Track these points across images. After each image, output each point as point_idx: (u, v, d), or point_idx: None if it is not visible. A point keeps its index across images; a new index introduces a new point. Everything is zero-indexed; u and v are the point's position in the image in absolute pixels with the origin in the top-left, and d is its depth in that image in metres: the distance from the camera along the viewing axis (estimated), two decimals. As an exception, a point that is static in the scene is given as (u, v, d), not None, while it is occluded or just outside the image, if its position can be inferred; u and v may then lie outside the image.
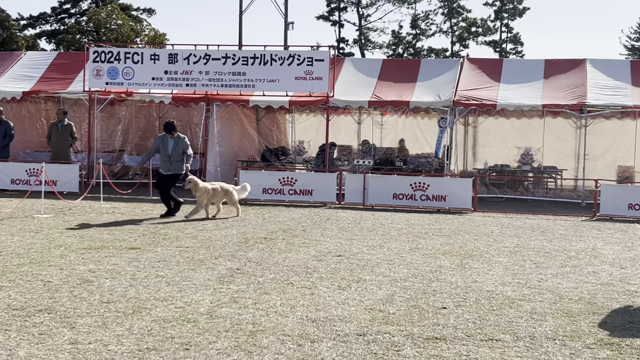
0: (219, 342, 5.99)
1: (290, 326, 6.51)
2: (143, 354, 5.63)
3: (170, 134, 14.66)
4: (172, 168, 14.60)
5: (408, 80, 20.48)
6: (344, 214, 15.65)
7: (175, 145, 14.59)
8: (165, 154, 14.59)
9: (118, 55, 20.02)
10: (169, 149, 14.56)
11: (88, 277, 8.30)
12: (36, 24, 60.84)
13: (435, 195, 17.01)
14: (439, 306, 7.43)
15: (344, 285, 8.29)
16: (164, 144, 14.64)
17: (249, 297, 7.59)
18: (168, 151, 14.55)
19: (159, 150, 14.71)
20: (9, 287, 7.69)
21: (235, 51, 20.07)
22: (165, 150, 14.59)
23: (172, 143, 14.62)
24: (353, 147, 22.14)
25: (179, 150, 14.57)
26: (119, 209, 15.21)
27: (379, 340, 6.18)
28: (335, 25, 65.17)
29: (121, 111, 22.16)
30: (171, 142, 14.65)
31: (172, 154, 14.54)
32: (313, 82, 19.38)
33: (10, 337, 5.91)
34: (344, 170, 18.58)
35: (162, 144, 14.65)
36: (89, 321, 6.46)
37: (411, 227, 13.71)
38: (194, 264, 9.37)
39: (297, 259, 9.97)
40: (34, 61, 22.56)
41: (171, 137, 14.66)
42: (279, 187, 17.58)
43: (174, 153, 14.54)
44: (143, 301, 7.25)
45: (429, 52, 63.67)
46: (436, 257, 10.48)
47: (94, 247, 10.46)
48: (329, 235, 12.39)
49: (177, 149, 14.56)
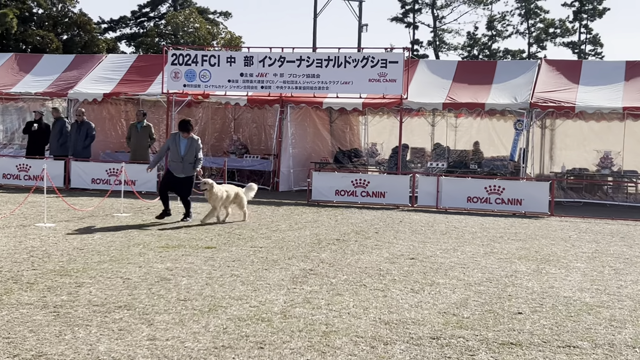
0: (293, 341, 6.05)
1: (363, 328, 6.52)
2: (219, 351, 5.72)
3: (184, 133, 13.69)
4: (184, 170, 13.69)
5: (483, 82, 20.24)
6: (416, 216, 15.57)
7: (189, 146, 13.64)
8: (177, 154, 13.63)
9: (195, 58, 20.39)
10: (182, 150, 13.61)
11: (165, 275, 8.48)
12: (116, 28, 62.49)
13: (510, 198, 16.76)
14: (514, 311, 7.32)
15: (417, 288, 8.25)
16: (175, 143, 13.67)
17: (322, 297, 7.63)
18: (181, 152, 13.60)
19: (170, 149, 13.78)
20: (90, 283, 7.92)
21: (309, 53, 20.20)
22: (177, 150, 13.62)
23: (186, 143, 13.65)
24: (426, 150, 22.00)
25: (192, 152, 13.64)
26: (195, 208, 15.45)
27: (453, 345, 6.13)
28: (409, 27, 64.83)
29: (198, 113, 22.59)
30: (184, 142, 13.66)
31: (185, 155, 13.61)
32: (387, 84, 19.34)
33: (91, 332, 6.09)
34: (417, 173, 18.48)
35: (174, 143, 13.69)
36: (166, 318, 6.60)
37: (486, 231, 13.54)
38: (268, 264, 9.47)
39: (370, 261, 9.97)
40: (115, 64, 23.19)
41: (185, 137, 13.68)
42: (351, 189, 17.61)
43: (188, 155, 13.63)
44: (219, 299, 7.37)
45: (505, 54, 62.70)
46: (511, 261, 10.33)
47: (171, 245, 10.68)
48: (402, 237, 12.35)
49: (190, 150, 13.63)
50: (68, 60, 23.83)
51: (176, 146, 13.59)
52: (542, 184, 17.28)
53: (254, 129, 23.03)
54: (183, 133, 13.64)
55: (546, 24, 62.57)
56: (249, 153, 21.75)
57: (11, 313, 6.58)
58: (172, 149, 13.64)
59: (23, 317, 6.47)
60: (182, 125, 13.74)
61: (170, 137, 14.00)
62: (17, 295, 7.24)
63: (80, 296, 7.30)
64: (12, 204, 15.06)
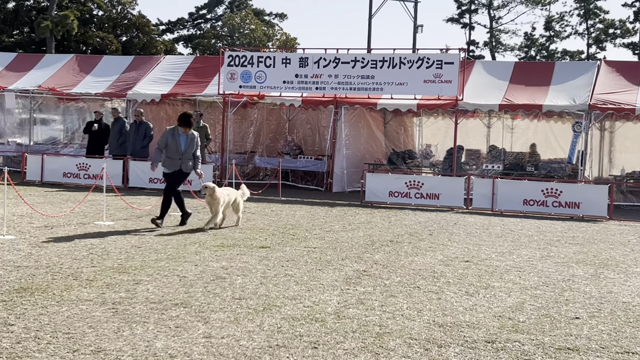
0: (347, 342, 6.06)
1: (417, 330, 6.50)
2: (273, 350, 5.77)
3: (184, 128, 12.61)
4: (183, 167, 12.73)
5: (541, 83, 19.96)
6: (471, 219, 15.43)
7: (189, 142, 12.65)
8: (176, 151, 12.55)
9: (251, 59, 20.56)
10: (182, 146, 12.58)
11: (221, 274, 8.58)
12: (174, 29, 63.42)
13: (568, 202, 16.49)
14: (571, 316, 7.21)
15: (471, 291, 8.18)
16: (174, 139, 12.58)
17: (375, 299, 7.63)
18: (181, 148, 12.55)
19: (167, 145, 12.63)
20: (147, 281, 8.06)
21: (364, 54, 20.20)
22: (176, 146, 12.54)
23: (185, 139, 12.64)
24: (482, 151, 21.79)
25: (191, 149, 12.67)
26: (250, 208, 15.61)
27: (508, 349, 6.07)
28: (465, 28, 64.26)
29: (253, 114, 22.77)
30: (183, 137, 12.63)
31: (185, 152, 12.61)
32: (442, 85, 19.22)
33: (148, 329, 6.20)
34: (472, 175, 18.31)
35: (173, 138, 12.58)
36: (222, 316, 6.69)
37: (542, 234, 13.35)
38: (322, 264, 9.51)
39: (424, 263, 9.93)
40: (172, 65, 23.53)
41: (184, 132, 12.62)
42: (405, 191, 17.54)
43: (187, 152, 12.65)
44: (273, 299, 7.43)
45: (564, 55, 61.67)
46: (569, 265, 10.17)
47: (226, 244, 10.80)
48: (456, 240, 12.26)
49: (190, 146, 12.66)
50: (127, 62, 24.27)
51: (175, 142, 12.55)
52: (600, 187, 16.95)
53: (308, 129, 23.12)
54: (182, 128, 12.61)
55: (606, 24, 61.31)
56: (303, 154, 21.84)
57: (71, 309, 6.74)
58: (170, 144, 12.56)
59: (82, 313, 6.62)
60: (183, 119, 12.66)
61: (167, 131, 12.77)
62: (77, 292, 7.41)
63: (138, 293, 7.44)
64: (72, 203, 15.41)
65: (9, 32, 50.33)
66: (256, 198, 17.55)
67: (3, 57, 25.89)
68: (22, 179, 19.79)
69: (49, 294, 7.26)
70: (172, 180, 12.74)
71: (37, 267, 8.58)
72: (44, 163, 19.92)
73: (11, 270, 8.34)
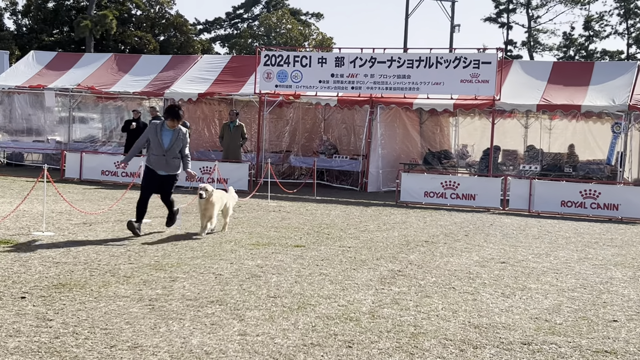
0: (381, 342, 6.05)
1: (452, 330, 6.47)
2: (308, 348, 5.78)
3: (172, 121, 11.15)
4: (168, 167, 11.23)
5: (580, 83, 19.72)
6: (508, 220, 15.30)
7: (174, 138, 11.16)
8: (159, 147, 11.10)
9: (287, 59, 20.61)
10: (165, 142, 11.11)
11: (256, 272, 8.63)
12: (211, 29, 63.92)
13: (606, 203, 16.27)
14: (609, 319, 7.12)
15: (508, 293, 8.12)
16: (157, 134, 11.14)
17: (410, 299, 7.60)
18: (164, 144, 11.09)
19: (149, 141, 11.26)
20: (183, 278, 8.13)
21: (400, 54, 20.13)
22: (159, 142, 11.09)
23: (171, 135, 11.17)
24: (519, 152, 21.60)
25: (177, 146, 11.20)
26: (285, 207, 15.66)
27: (545, 351, 6.01)
28: (503, 27, 63.75)
29: (289, 113, 22.83)
30: (169, 133, 11.18)
31: (169, 149, 11.12)
32: (479, 85, 19.08)
33: (184, 326, 6.25)
34: (509, 175, 18.16)
35: (156, 134, 11.16)
36: (257, 314, 6.72)
37: (580, 236, 13.19)
38: (356, 264, 9.50)
39: (459, 263, 9.87)
40: (209, 64, 23.69)
41: (170, 127, 11.19)
42: (440, 191, 17.45)
43: (173, 148, 11.15)
44: (307, 297, 7.45)
45: (603, 55, 60.83)
46: (607, 268, 10.03)
47: (261, 243, 10.85)
48: (492, 241, 12.17)
49: (176, 143, 11.18)
50: (165, 61, 24.50)
51: (157, 138, 11.11)
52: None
53: (343, 129, 23.12)
54: (170, 121, 11.15)
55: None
56: (338, 153, 21.85)
57: (108, 305, 6.82)
58: (152, 140, 11.15)
59: (120, 309, 6.70)
60: (170, 111, 11.20)
61: (150, 126, 11.41)
62: (115, 288, 7.51)
63: (175, 290, 7.51)
64: (110, 200, 15.60)
65: (49, 31, 51.12)
66: (291, 197, 17.59)
67: (43, 56, 26.30)
68: (61, 177, 20.08)
69: (87, 290, 7.36)
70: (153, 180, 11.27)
71: (76, 264, 8.70)
72: (82, 161, 20.19)
73: (50, 266, 8.47)
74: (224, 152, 20.30)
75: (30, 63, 25.43)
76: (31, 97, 24.28)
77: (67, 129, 24.36)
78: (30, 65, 25.26)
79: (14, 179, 19.61)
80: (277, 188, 18.24)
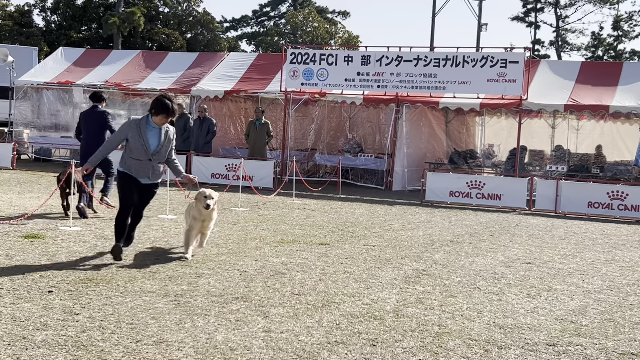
0: (405, 341, 6.05)
1: (476, 330, 6.44)
2: (332, 346, 5.79)
3: (161, 118, 8.68)
4: (153, 174, 8.84)
5: (608, 83, 19.53)
6: (534, 220, 15.20)
7: (164, 139, 8.80)
8: (143, 151, 8.67)
9: (313, 57, 20.62)
10: (152, 144, 8.72)
11: (280, 269, 8.65)
12: (238, 27, 64.13)
13: (634, 205, 16.10)
14: (636, 321, 7.05)
15: (533, 294, 8.07)
16: (140, 134, 8.66)
17: (434, 298, 7.58)
18: (150, 146, 8.69)
19: (129, 142, 8.74)
20: (208, 274, 8.17)
21: (426, 53, 20.06)
22: (143, 144, 8.65)
23: (159, 136, 8.77)
24: (545, 152, 21.44)
25: (166, 149, 8.87)
26: (310, 205, 15.68)
27: (570, 352, 5.97)
28: (530, 27, 63.20)
29: (314, 111, 22.84)
30: (155, 133, 8.75)
31: (156, 152, 8.75)
32: (506, 84, 18.97)
33: (209, 322, 6.29)
34: (535, 176, 18.03)
35: (138, 134, 8.66)
36: (281, 311, 6.74)
37: (607, 237, 13.07)
38: (381, 262, 9.50)
39: (484, 263, 9.83)
40: (236, 62, 23.78)
41: (158, 124, 8.73)
42: (466, 191, 17.38)
43: (161, 151, 8.81)
44: (332, 295, 7.46)
45: (632, 55, 60.14)
46: (634, 269, 9.93)
47: (286, 240, 10.87)
48: (518, 241, 12.09)
49: (165, 146, 8.83)
50: (192, 58, 24.63)
51: (141, 138, 8.66)
52: (669, 191, 16.51)
53: (368, 128, 23.08)
54: (159, 118, 8.69)
55: (676, 24, 59.56)
56: (363, 152, 21.83)
57: (134, 300, 6.88)
58: (133, 141, 8.67)
59: (146, 304, 6.76)
60: (160, 105, 8.65)
61: (128, 123, 8.81)
62: (140, 284, 7.56)
63: (200, 286, 7.55)
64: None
65: (78, 28, 51.60)
66: (316, 195, 17.61)
67: (71, 52, 26.55)
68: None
69: (113, 285, 7.43)
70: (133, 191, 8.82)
71: (102, 259, 8.78)
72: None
73: (77, 261, 8.55)
74: (250, 149, 20.36)
75: (59, 59, 25.68)
76: (59, 93, 24.52)
77: (95, 125, 24.51)
78: (58, 62, 25.51)
79: (41, 174, 19.82)
80: (302, 186, 18.27)
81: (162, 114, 8.68)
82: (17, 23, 48.31)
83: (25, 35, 46.22)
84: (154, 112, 8.68)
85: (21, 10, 49.86)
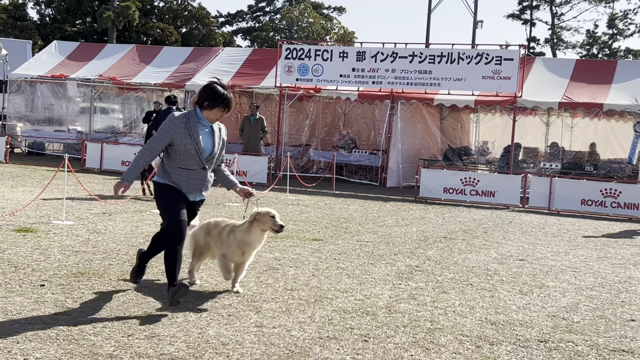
0: (397, 336, 6.05)
1: (468, 327, 6.45)
2: (324, 342, 5.79)
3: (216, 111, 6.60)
4: (206, 188, 6.90)
5: (602, 81, 19.58)
6: (527, 217, 15.23)
7: (219, 140, 6.78)
8: (196, 157, 6.62)
9: (309, 53, 20.62)
10: (207, 147, 6.69)
11: (274, 265, 8.65)
12: (233, 21, 64.00)
13: (627, 203, 16.15)
14: (627, 318, 7.07)
15: (525, 290, 8.09)
16: (191, 135, 6.56)
17: (427, 294, 7.59)
18: (205, 150, 6.65)
19: (172, 146, 6.64)
20: (201, 269, 8.14)
21: (422, 49, 20.07)
22: (196, 148, 6.58)
23: (213, 136, 6.75)
24: (539, 150, 21.48)
25: (221, 152, 6.91)
26: (304, 201, 15.68)
27: (562, 349, 5.98)
28: (526, 24, 63.27)
29: (309, 107, 22.83)
30: (208, 132, 6.71)
31: (211, 158, 6.75)
32: (501, 82, 19.00)
33: (201, 317, 6.28)
34: (529, 173, 18.06)
35: (189, 135, 6.56)
36: (273, 306, 6.74)
37: (600, 235, 13.11)
38: (374, 258, 9.50)
39: (477, 260, 9.84)
40: (231, 57, 23.77)
41: (212, 122, 6.68)
42: (460, 187, 17.40)
43: (218, 156, 6.85)
44: (324, 291, 7.46)
45: (627, 53, 60.25)
46: (626, 267, 9.96)
47: (279, 236, 10.84)
48: (511, 238, 12.12)
49: (221, 148, 6.85)
50: (186, 53, 24.60)
51: (192, 140, 6.55)
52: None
53: (363, 124, 23.09)
54: (213, 110, 6.60)
55: (671, 22, 59.67)
56: (358, 148, 21.83)
57: (127, 294, 6.87)
58: (182, 144, 6.57)
59: (138, 298, 6.74)
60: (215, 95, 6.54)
61: (172, 120, 6.60)
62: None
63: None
64: (130, 191, 15.65)
65: (72, 21, 51.44)
66: (310, 191, 17.61)
67: (66, 46, 26.49)
68: (82, 166, 20.22)
69: (105, 279, 7.41)
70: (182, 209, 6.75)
71: (95, 253, 8.76)
72: (103, 151, 20.34)
73: (69, 255, 8.54)
74: (244, 145, 20.35)
75: (53, 53, 25.62)
76: (53, 87, 24.47)
77: (88, 119, 24.52)
78: (52, 55, 25.45)
79: (35, 168, 19.77)
80: (296, 182, 18.27)
81: (218, 106, 6.56)
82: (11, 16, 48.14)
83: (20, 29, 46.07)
84: (208, 104, 6.56)
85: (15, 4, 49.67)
